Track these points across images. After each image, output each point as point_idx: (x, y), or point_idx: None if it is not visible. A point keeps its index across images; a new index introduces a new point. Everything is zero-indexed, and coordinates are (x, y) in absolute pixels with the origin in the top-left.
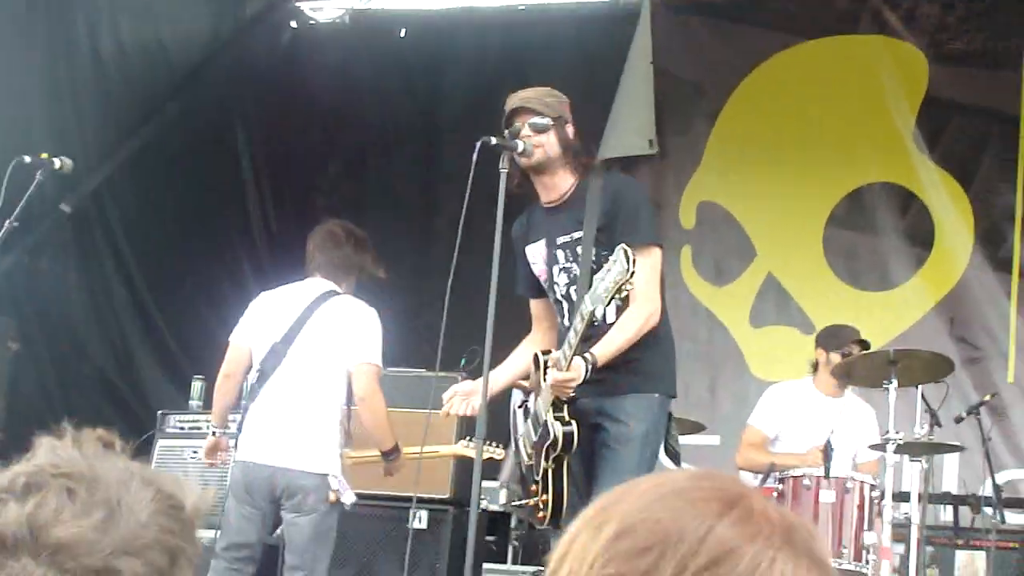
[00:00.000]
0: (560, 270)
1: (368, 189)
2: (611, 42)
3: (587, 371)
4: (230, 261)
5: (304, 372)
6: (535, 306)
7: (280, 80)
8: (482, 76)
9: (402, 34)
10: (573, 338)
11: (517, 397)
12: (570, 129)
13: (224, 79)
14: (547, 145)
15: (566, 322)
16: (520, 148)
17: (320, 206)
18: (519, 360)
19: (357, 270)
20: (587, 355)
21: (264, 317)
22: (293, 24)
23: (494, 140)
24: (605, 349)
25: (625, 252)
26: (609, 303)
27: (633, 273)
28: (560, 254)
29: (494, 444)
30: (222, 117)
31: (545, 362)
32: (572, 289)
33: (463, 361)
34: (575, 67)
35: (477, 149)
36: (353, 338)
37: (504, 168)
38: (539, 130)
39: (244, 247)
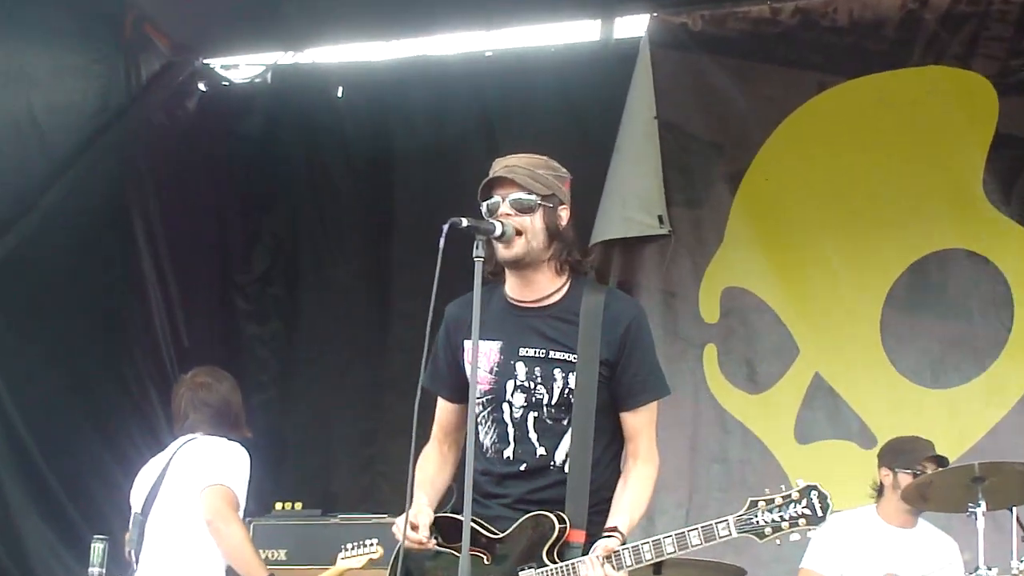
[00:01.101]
0: (516, 388)
1: (303, 287)
2: (602, 93)
3: None
4: (135, 390)
5: (163, 535)
6: (448, 412)
7: (187, 157)
8: (441, 142)
9: (339, 93)
10: (672, 546)
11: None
12: (564, 214)
13: (116, 159)
14: (529, 231)
15: (507, 452)
16: (498, 231)
17: (243, 312)
18: (434, 487)
19: (238, 425)
20: (619, 539)
21: (133, 494)
22: (202, 86)
23: (465, 222)
24: (629, 524)
25: (821, 498)
26: (764, 540)
27: (823, 521)
28: (521, 368)
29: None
30: (114, 207)
31: (562, 530)
32: (532, 416)
33: None
34: (558, 126)
35: (444, 233)
36: (204, 468)
37: (479, 256)
38: (522, 209)
39: (151, 371)
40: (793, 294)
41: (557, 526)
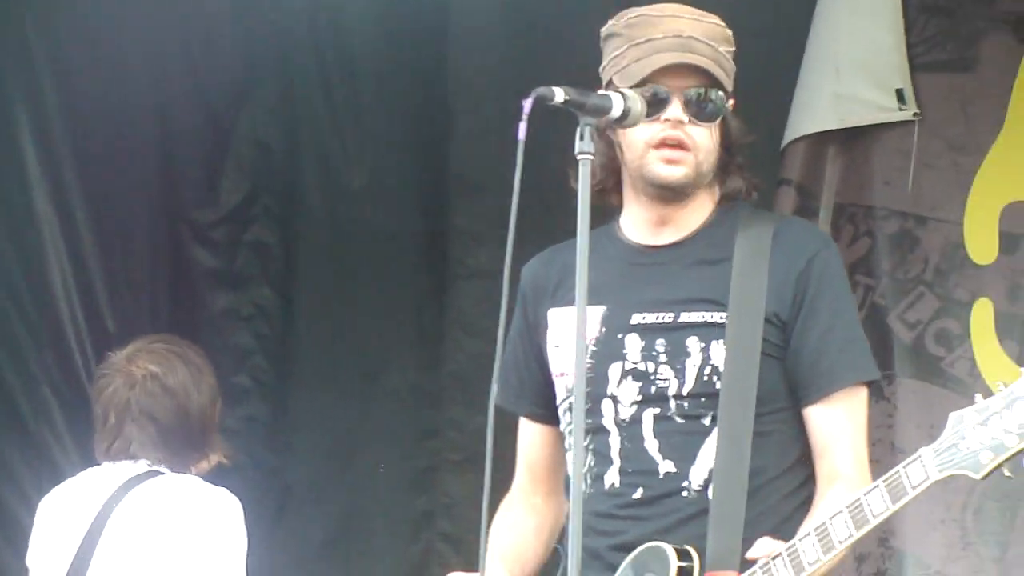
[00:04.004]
0: (624, 374)
1: (306, 231)
2: None
3: None
4: (24, 408)
5: None
6: (536, 443)
7: (99, 15)
8: None
9: None
10: (845, 522)
11: None
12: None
13: None
14: (703, 148)
15: (609, 476)
16: (618, 109)
17: (206, 271)
18: (520, 561)
19: (206, 445)
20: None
21: (47, 539)
22: None
23: (561, 94)
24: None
25: None
26: (983, 476)
27: None
28: (633, 343)
29: None
30: None
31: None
32: (650, 415)
33: None
34: None
35: (526, 113)
36: (189, 550)
37: (586, 152)
38: (705, 115)
39: (51, 375)
40: None
41: (674, 565)
